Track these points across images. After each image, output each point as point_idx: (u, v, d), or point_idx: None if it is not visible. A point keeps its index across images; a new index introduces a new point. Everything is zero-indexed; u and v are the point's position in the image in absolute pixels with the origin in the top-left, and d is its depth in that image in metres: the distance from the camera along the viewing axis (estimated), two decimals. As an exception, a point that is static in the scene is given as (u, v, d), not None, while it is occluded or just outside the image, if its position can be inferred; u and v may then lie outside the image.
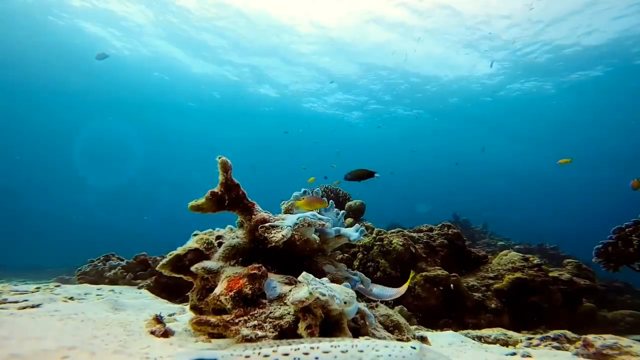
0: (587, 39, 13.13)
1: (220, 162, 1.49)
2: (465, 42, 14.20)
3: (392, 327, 1.74)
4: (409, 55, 14.56)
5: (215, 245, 1.61)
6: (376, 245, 3.96)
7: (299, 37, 14.81)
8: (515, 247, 7.89)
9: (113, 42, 15.53)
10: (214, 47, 15.82)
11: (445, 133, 25.81)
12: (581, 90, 17.24)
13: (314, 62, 16.69)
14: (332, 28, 14.11)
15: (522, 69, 16.00)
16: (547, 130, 24.40)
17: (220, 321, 1.19)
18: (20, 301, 1.91)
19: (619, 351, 1.60)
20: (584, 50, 13.86)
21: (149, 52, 16.48)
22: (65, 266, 9.92)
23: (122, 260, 4.17)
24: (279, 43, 15.25)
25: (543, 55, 14.59)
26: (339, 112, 22.68)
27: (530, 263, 3.75)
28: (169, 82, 19.55)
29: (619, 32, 12.47)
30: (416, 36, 13.53)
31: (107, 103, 23.09)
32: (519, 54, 14.64)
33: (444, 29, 13.46)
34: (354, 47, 15.30)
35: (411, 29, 13.58)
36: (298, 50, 15.69)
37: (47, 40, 15.36)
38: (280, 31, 14.47)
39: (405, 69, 16.66)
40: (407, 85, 18.53)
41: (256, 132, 27.18)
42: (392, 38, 14.27)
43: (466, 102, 19.87)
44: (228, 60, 16.88)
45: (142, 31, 14.72)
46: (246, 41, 15.21)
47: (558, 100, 18.76)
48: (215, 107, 22.88)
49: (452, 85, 18.20)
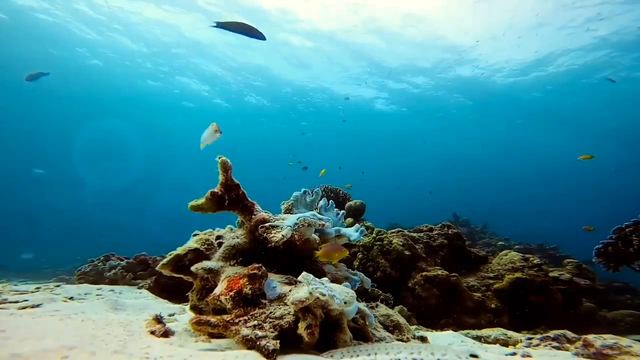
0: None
1: (220, 162, 1.49)
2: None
3: (392, 327, 1.74)
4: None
5: (215, 245, 1.61)
6: (376, 245, 3.96)
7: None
8: (515, 247, 7.89)
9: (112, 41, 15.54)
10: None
11: (446, 132, 25.88)
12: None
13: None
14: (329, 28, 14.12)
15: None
16: (547, 130, 24.45)
17: (220, 321, 1.19)
18: (21, 301, 1.91)
19: (619, 351, 1.60)
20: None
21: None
22: (65, 266, 9.94)
23: (122, 260, 4.17)
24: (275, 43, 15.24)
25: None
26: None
27: (530, 263, 3.75)
28: (169, 81, 19.56)
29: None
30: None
31: (107, 103, 23.09)
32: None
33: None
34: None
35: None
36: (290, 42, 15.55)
37: (47, 40, 15.38)
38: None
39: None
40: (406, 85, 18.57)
41: (257, 131, 27.23)
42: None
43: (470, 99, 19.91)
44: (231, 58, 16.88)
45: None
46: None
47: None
48: (216, 106, 22.87)
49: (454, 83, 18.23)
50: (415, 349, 1.05)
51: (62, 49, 15.90)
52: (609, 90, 15.23)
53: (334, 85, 19.22)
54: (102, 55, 16.44)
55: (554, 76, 16.31)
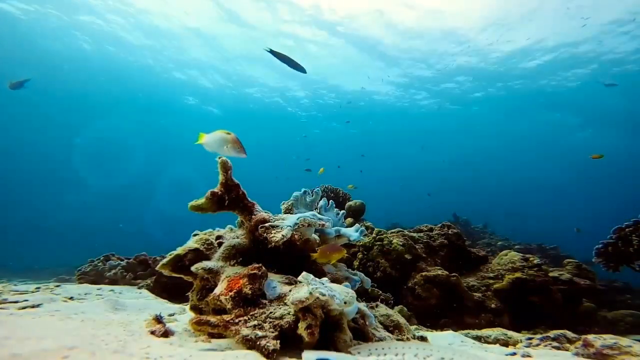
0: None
1: (220, 162, 1.49)
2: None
3: (392, 327, 1.74)
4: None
5: (215, 245, 1.61)
6: (376, 245, 3.96)
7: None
8: (515, 247, 7.89)
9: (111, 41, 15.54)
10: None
11: (446, 132, 25.89)
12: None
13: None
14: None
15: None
16: (546, 131, 24.44)
17: (220, 321, 1.19)
18: (21, 301, 1.91)
19: (619, 351, 1.60)
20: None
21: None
22: (65, 266, 9.93)
23: (122, 260, 4.17)
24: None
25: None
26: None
27: (530, 263, 3.75)
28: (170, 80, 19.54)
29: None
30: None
31: (107, 103, 23.10)
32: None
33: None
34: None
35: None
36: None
37: (45, 39, 15.37)
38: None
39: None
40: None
41: (256, 131, 27.22)
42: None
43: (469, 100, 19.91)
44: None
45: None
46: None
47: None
48: (216, 106, 22.85)
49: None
50: (447, 354, 1.08)
51: (62, 46, 15.87)
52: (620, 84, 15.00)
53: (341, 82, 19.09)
54: (102, 51, 16.41)
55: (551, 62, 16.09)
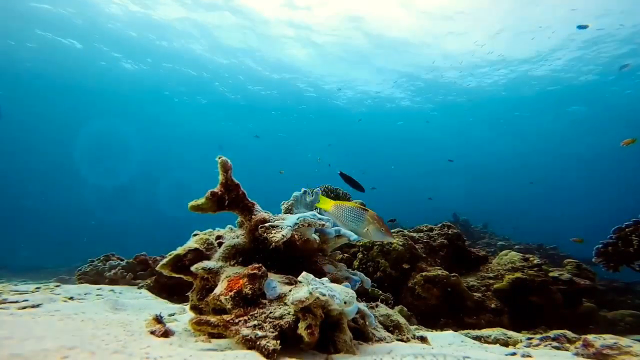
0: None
1: (220, 162, 1.49)
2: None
3: (392, 327, 1.74)
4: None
5: (215, 245, 1.61)
6: (376, 245, 3.96)
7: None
8: (515, 247, 7.88)
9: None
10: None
11: (445, 131, 25.88)
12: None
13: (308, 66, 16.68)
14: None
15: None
16: (546, 132, 24.42)
17: (220, 321, 1.19)
18: (21, 301, 1.91)
19: (619, 351, 1.59)
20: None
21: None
22: (65, 266, 9.94)
23: (122, 260, 4.16)
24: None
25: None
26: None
27: (530, 263, 3.75)
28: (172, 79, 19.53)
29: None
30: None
31: (107, 102, 23.08)
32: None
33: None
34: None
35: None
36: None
37: (45, 39, 15.36)
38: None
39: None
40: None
41: (257, 131, 27.22)
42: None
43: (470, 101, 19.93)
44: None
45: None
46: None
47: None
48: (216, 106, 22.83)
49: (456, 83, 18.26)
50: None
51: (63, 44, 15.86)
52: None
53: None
54: (102, 51, 16.41)
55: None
